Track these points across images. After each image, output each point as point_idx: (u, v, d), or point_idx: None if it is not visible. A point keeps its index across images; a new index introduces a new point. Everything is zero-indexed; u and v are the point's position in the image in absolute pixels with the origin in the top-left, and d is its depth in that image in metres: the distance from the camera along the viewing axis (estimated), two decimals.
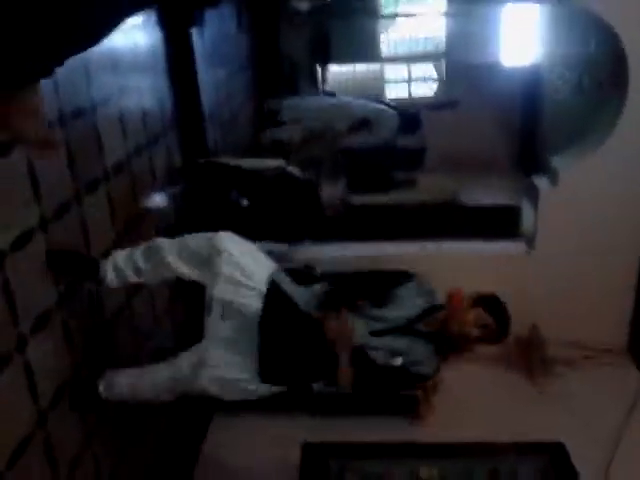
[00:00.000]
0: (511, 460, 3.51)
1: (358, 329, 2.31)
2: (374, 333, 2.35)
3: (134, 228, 3.13)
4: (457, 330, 2.34)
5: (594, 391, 3.96)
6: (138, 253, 2.49)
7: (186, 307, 3.60)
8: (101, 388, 2.56)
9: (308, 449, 3.46)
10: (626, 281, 4.40)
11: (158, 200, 3.46)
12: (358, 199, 4.35)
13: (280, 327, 2.32)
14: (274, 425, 3.65)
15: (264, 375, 2.33)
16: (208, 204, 3.61)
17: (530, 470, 3.46)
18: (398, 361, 2.28)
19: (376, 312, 2.40)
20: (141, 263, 2.46)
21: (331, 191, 4.00)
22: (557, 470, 3.38)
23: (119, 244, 2.91)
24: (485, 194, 5.40)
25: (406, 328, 2.37)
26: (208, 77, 4.36)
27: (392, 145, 5.02)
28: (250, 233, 3.73)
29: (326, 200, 3.96)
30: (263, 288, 2.33)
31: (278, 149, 4.75)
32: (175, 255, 2.41)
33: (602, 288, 4.35)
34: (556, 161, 4.39)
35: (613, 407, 3.82)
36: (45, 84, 2.31)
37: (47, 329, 2.30)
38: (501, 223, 4.64)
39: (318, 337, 2.26)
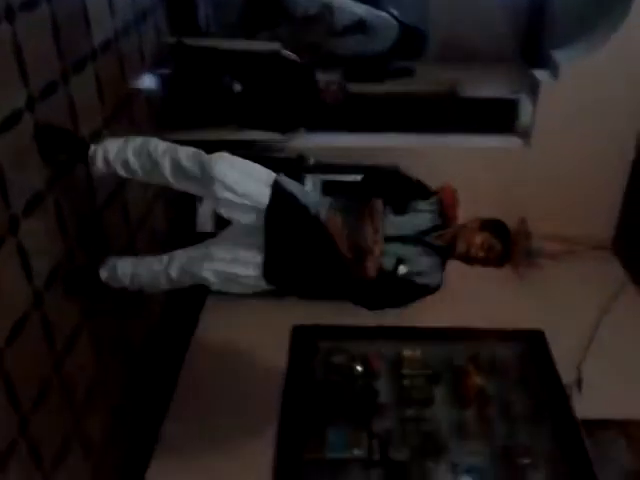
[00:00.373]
0: (491, 345, 3.69)
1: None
2: (385, 238, 2.35)
3: (123, 110, 3.08)
4: (464, 250, 2.39)
5: (576, 284, 4.05)
6: (130, 151, 2.43)
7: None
8: (102, 273, 2.62)
9: (297, 331, 3.61)
10: (617, 180, 4.41)
11: (148, 82, 3.38)
12: (353, 88, 4.22)
13: (286, 229, 2.35)
14: (265, 308, 3.77)
15: (268, 276, 2.38)
16: (199, 89, 3.51)
17: (509, 355, 3.64)
18: (403, 270, 2.31)
19: (392, 218, 2.40)
20: (133, 164, 2.43)
21: (328, 77, 3.87)
22: (534, 356, 3.57)
23: (108, 126, 2.88)
24: (485, 86, 5.27)
25: (415, 238, 2.41)
26: None
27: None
28: (243, 120, 3.68)
29: (324, 86, 3.85)
30: (264, 204, 2.35)
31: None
32: (169, 167, 2.38)
33: (593, 186, 4.36)
34: (559, 54, 4.27)
35: (594, 301, 3.93)
36: None
37: (39, 211, 2.31)
38: (499, 116, 4.57)
39: (326, 242, 2.30)
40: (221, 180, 2.31)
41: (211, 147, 3.77)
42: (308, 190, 2.54)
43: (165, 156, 2.38)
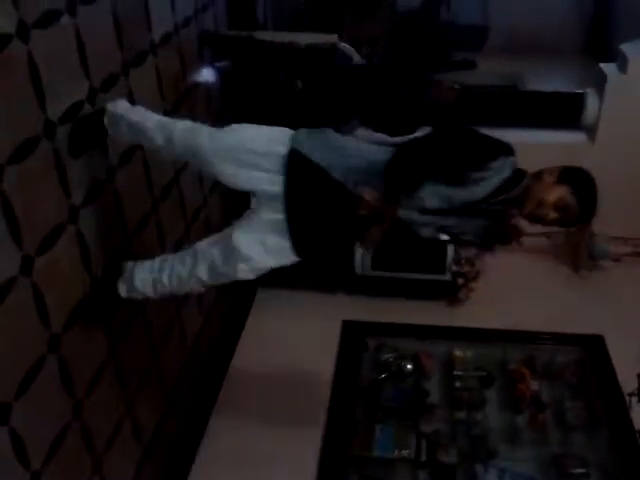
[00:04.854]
0: (547, 349, 3.58)
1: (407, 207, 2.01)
2: (425, 211, 2.02)
3: (183, 104, 3.11)
4: (532, 210, 2.01)
5: (639, 287, 3.90)
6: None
7: None
8: (122, 289, 2.36)
9: (347, 326, 3.60)
10: None
11: (206, 75, 3.40)
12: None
13: (307, 197, 2.09)
14: (315, 302, 3.78)
15: (299, 251, 2.16)
16: (257, 84, 3.48)
17: (566, 360, 3.53)
18: (443, 237, 2.09)
19: (443, 190, 2.00)
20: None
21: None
22: (593, 362, 3.44)
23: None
24: (549, 79, 5.10)
25: (463, 210, 2.03)
26: None
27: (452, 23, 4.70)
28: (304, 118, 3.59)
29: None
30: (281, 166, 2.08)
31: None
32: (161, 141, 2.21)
33: None
34: (627, 47, 4.08)
35: None
36: None
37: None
38: (563, 111, 4.41)
39: (350, 208, 2.01)
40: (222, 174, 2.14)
41: None
42: (340, 146, 2.11)
43: (157, 130, 2.21)
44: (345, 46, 3.80)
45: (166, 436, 3.02)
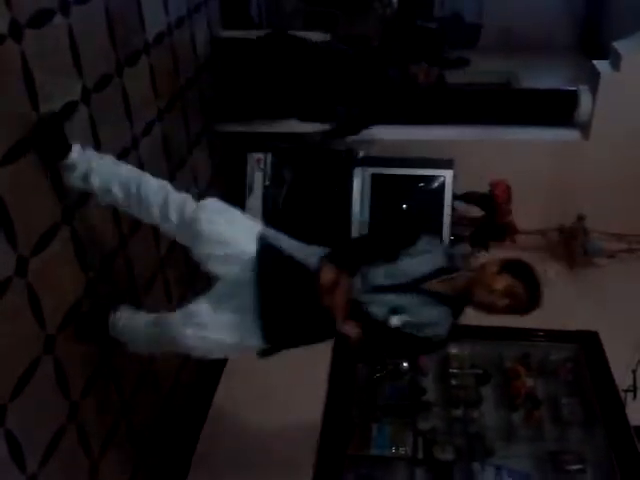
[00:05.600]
0: (542, 346, 3.59)
1: (357, 285, 2.10)
2: (377, 289, 2.10)
3: (176, 102, 3.10)
4: (485, 299, 2.08)
5: (635, 284, 3.91)
6: (116, 185, 2.15)
7: None
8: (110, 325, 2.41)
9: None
10: None
11: (200, 74, 3.40)
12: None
13: (277, 283, 2.13)
14: None
15: (268, 336, 2.16)
16: (247, 82, 3.48)
17: (561, 357, 3.53)
18: (396, 321, 2.02)
19: (385, 267, 2.13)
20: (115, 195, 2.16)
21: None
22: (588, 359, 3.45)
23: (162, 118, 2.92)
24: (542, 76, 5.12)
25: (413, 286, 2.10)
26: None
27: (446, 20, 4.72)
28: (300, 113, 3.59)
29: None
30: (249, 254, 2.14)
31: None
32: (157, 212, 2.16)
33: None
34: (620, 45, 4.10)
35: None
36: None
37: None
38: (556, 108, 4.42)
39: (311, 292, 2.06)
40: (206, 232, 2.11)
41: (261, 139, 3.83)
42: (296, 243, 2.24)
43: (155, 199, 2.16)
44: (339, 44, 3.81)
45: (161, 439, 3.01)
